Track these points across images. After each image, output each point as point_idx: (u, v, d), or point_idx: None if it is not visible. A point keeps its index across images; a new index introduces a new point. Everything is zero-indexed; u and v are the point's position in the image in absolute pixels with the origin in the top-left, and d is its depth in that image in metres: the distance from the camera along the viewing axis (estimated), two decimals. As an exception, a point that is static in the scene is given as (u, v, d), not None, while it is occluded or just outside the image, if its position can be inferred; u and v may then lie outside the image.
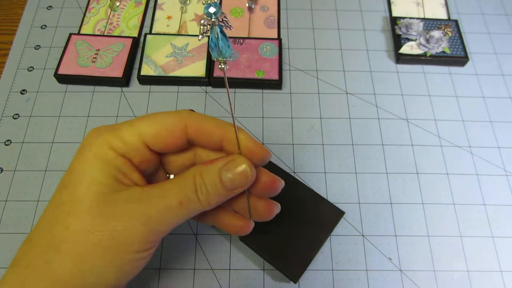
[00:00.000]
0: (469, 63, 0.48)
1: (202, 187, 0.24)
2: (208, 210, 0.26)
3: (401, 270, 0.36)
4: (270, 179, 0.27)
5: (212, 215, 0.29)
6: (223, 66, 0.24)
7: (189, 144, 0.27)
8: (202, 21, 0.23)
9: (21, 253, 0.23)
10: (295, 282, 0.35)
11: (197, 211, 0.25)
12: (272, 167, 0.39)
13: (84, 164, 0.23)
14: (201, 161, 0.28)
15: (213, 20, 0.22)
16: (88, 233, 0.22)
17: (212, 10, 0.22)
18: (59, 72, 0.45)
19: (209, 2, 0.22)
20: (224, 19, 0.23)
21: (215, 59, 0.24)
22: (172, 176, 0.29)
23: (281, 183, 0.28)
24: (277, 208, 0.29)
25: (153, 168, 0.27)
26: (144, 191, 0.24)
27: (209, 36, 0.23)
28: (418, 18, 0.50)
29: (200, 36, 0.23)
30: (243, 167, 0.25)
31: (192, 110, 0.27)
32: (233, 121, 0.25)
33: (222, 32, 0.23)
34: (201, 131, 0.26)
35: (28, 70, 0.47)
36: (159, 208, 0.23)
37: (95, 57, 0.46)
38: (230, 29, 0.23)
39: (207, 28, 0.23)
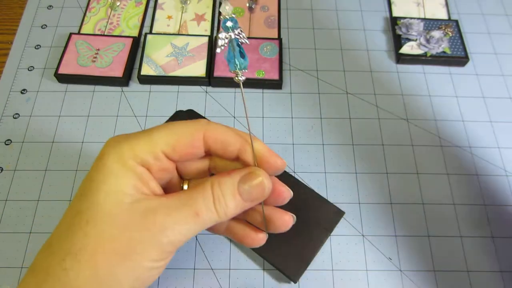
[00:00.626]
0: (469, 63, 0.48)
1: (220, 198, 0.24)
2: (223, 221, 0.26)
3: (401, 270, 0.36)
4: (280, 189, 0.28)
5: (226, 226, 0.29)
6: (240, 78, 0.24)
7: (205, 153, 0.27)
8: (220, 35, 0.23)
9: (40, 258, 0.23)
10: (295, 282, 0.35)
11: (213, 222, 0.25)
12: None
13: (104, 172, 0.24)
14: (216, 169, 0.29)
15: (230, 34, 0.23)
16: (106, 241, 0.22)
17: (229, 24, 0.23)
18: (59, 71, 0.45)
19: (227, 17, 0.23)
20: (240, 33, 0.24)
21: (232, 71, 0.24)
22: (185, 186, 0.29)
23: (290, 194, 0.28)
24: (293, 220, 0.29)
25: (170, 176, 0.28)
26: (162, 201, 0.24)
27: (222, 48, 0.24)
28: (418, 18, 0.50)
29: (218, 49, 0.24)
30: (260, 179, 0.25)
31: (208, 120, 0.27)
32: (249, 131, 0.26)
33: (239, 45, 0.24)
34: (218, 141, 0.26)
35: (28, 70, 0.47)
36: (176, 219, 0.23)
37: (95, 57, 0.46)
38: (247, 43, 0.24)
39: (224, 41, 0.24)
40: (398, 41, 0.49)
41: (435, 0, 0.53)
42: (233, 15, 0.23)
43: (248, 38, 0.48)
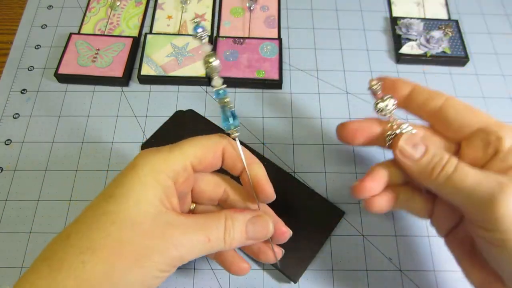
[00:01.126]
0: (469, 63, 0.48)
1: (231, 230, 0.27)
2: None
3: (401, 270, 0.36)
4: (282, 229, 0.30)
5: (218, 252, 0.31)
6: (236, 134, 0.29)
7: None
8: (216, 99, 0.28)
9: (55, 248, 0.24)
10: (295, 282, 0.35)
11: (218, 249, 0.27)
12: (272, 167, 0.39)
13: (136, 180, 0.25)
14: (226, 202, 0.31)
15: (225, 101, 0.28)
16: (126, 244, 0.24)
17: (221, 93, 0.28)
18: (59, 71, 0.45)
19: (219, 88, 0.28)
20: (229, 101, 0.28)
21: (227, 131, 0.29)
22: (193, 206, 0.32)
23: (290, 233, 0.31)
24: (281, 253, 0.32)
25: (188, 190, 0.30)
26: (182, 219, 0.26)
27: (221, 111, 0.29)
28: (418, 18, 0.50)
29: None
30: (266, 224, 0.29)
31: (225, 135, 0.30)
32: (251, 184, 0.29)
33: (233, 113, 0.28)
34: (232, 156, 0.29)
35: (28, 70, 0.47)
36: (191, 239, 0.25)
37: (95, 57, 0.46)
38: (234, 108, 0.29)
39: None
40: (398, 41, 0.49)
41: (435, 0, 0.53)
42: (223, 86, 0.27)
43: (248, 38, 0.48)
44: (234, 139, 0.29)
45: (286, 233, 0.31)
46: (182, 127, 0.43)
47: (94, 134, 0.43)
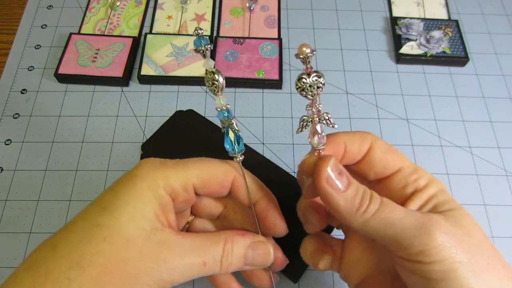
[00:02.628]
0: (469, 63, 0.48)
1: (229, 255, 0.26)
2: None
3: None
4: (279, 257, 0.29)
5: (215, 276, 0.30)
6: (239, 159, 0.27)
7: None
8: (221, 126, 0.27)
9: (41, 259, 0.23)
10: (295, 282, 0.35)
11: (213, 273, 0.26)
12: (272, 167, 0.39)
13: (133, 194, 0.24)
14: (226, 219, 0.30)
15: (231, 123, 0.27)
16: (117, 263, 0.22)
17: (225, 114, 0.27)
18: (59, 71, 0.45)
19: (223, 108, 0.26)
20: (234, 122, 0.27)
21: (231, 155, 0.27)
22: (191, 217, 0.31)
23: (286, 262, 0.30)
24: (277, 279, 0.31)
25: (187, 207, 0.29)
26: (178, 240, 0.24)
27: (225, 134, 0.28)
28: (418, 18, 0.50)
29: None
30: (266, 250, 0.27)
31: (239, 163, 0.28)
32: (255, 215, 0.28)
33: (234, 132, 0.27)
34: (242, 189, 0.28)
35: (28, 70, 0.47)
36: (186, 264, 0.24)
37: (95, 57, 0.46)
38: (239, 131, 0.28)
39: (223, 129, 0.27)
40: (398, 41, 0.49)
41: (435, 0, 0.53)
42: (228, 105, 0.26)
43: (248, 38, 0.48)
44: (239, 162, 0.28)
45: (284, 261, 0.30)
46: (182, 127, 0.43)
47: (94, 134, 0.43)
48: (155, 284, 0.23)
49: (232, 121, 0.27)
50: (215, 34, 0.50)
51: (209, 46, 0.25)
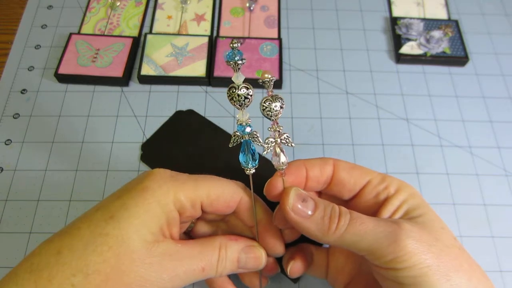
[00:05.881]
0: (469, 63, 0.48)
1: (223, 260, 0.27)
2: None
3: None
4: (270, 262, 0.31)
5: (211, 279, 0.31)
6: (250, 172, 0.27)
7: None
8: (236, 133, 0.27)
9: (44, 263, 0.23)
10: (295, 282, 0.35)
11: (209, 277, 0.27)
12: (273, 167, 0.39)
13: (142, 207, 0.24)
14: (226, 221, 0.31)
15: (256, 137, 0.27)
16: (121, 273, 0.23)
17: (248, 130, 0.27)
18: (59, 71, 0.45)
19: (244, 123, 0.27)
20: (256, 136, 0.27)
21: (243, 167, 0.28)
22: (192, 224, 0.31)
23: (278, 270, 0.32)
24: (267, 283, 0.32)
25: (193, 219, 0.29)
26: (177, 248, 0.25)
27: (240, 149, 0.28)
28: (418, 18, 0.50)
29: (231, 144, 0.27)
30: (258, 254, 0.29)
31: (245, 186, 0.29)
32: (256, 228, 0.29)
33: (252, 149, 0.27)
34: (246, 210, 0.29)
35: (29, 70, 0.47)
36: (186, 269, 0.25)
37: (95, 57, 0.46)
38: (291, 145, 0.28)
39: (238, 139, 0.27)
40: (398, 41, 0.49)
41: (435, 0, 0.53)
42: (249, 120, 0.27)
43: (248, 38, 0.48)
44: (249, 175, 0.28)
45: (275, 269, 0.31)
46: (182, 127, 0.43)
47: (94, 134, 0.43)
48: None
49: (257, 134, 0.27)
50: (215, 34, 0.50)
51: (243, 61, 0.26)
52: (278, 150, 0.27)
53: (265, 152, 0.27)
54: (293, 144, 0.27)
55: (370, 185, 0.28)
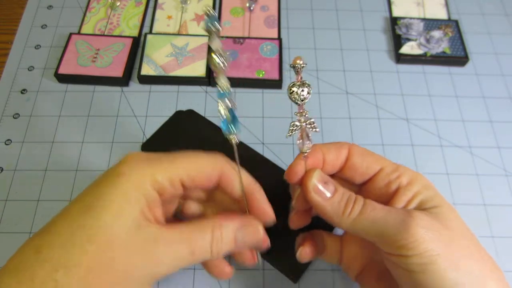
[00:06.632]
0: (469, 63, 0.48)
1: (219, 241, 0.26)
2: None
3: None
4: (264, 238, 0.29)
5: None
6: (235, 140, 0.27)
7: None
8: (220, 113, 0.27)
9: (25, 263, 0.22)
10: (295, 282, 0.35)
11: (204, 259, 0.26)
12: (273, 167, 0.39)
13: (118, 192, 0.23)
14: (213, 199, 0.30)
15: (225, 103, 0.26)
16: (103, 263, 0.22)
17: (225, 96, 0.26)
18: (59, 71, 0.45)
19: (225, 89, 0.27)
20: (232, 100, 0.27)
21: (226, 136, 0.27)
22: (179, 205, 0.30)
23: (268, 244, 0.29)
24: (254, 262, 0.31)
25: (176, 201, 0.29)
26: (163, 232, 0.24)
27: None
28: (418, 18, 0.50)
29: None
30: (255, 230, 0.28)
31: (226, 158, 0.28)
32: (243, 192, 0.28)
33: (231, 111, 0.26)
34: (229, 182, 0.28)
35: (29, 70, 0.47)
36: (174, 255, 0.24)
37: (95, 57, 0.46)
38: (235, 107, 0.27)
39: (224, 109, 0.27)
40: (398, 41, 0.49)
41: (435, 0, 0.53)
42: (228, 85, 0.26)
43: (248, 38, 0.48)
44: (235, 145, 0.27)
45: (266, 241, 0.30)
46: (182, 127, 0.43)
47: (94, 134, 0.43)
48: (145, 278, 0.23)
49: (232, 99, 0.27)
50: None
51: (219, 26, 0.25)
52: (304, 134, 0.27)
53: (289, 134, 0.27)
54: (317, 130, 0.28)
55: (382, 172, 0.28)
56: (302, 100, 0.27)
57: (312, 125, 0.27)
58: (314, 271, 0.36)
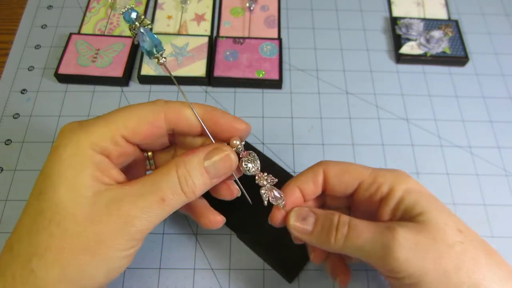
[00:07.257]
0: (469, 63, 0.48)
1: (187, 178, 0.24)
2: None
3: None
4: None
5: (187, 204, 0.28)
6: (163, 60, 0.26)
7: (171, 136, 0.28)
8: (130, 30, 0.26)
9: (4, 263, 0.23)
10: (290, 282, 0.35)
11: (181, 204, 0.24)
12: (272, 167, 0.39)
13: (61, 166, 0.23)
14: (181, 143, 0.29)
15: (136, 24, 0.25)
16: (72, 238, 0.22)
17: (133, 15, 0.24)
18: (59, 71, 0.45)
19: (127, 8, 0.24)
20: (144, 20, 0.25)
21: (152, 58, 0.25)
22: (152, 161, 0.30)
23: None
24: (236, 192, 0.30)
25: (132, 158, 0.27)
26: (125, 189, 0.23)
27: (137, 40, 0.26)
28: (418, 18, 0.50)
29: (136, 41, 0.25)
30: (226, 153, 0.26)
31: (166, 100, 0.27)
32: (186, 98, 0.26)
33: (148, 32, 0.25)
34: (181, 119, 0.26)
35: (29, 70, 0.47)
36: (142, 208, 0.23)
37: (95, 57, 0.46)
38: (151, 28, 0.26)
39: (135, 32, 0.25)
40: (398, 41, 0.49)
41: (435, 0, 0.53)
42: (132, 6, 0.25)
43: (248, 38, 0.48)
44: (163, 65, 0.26)
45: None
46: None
47: (94, 134, 0.43)
48: (122, 240, 0.23)
49: (143, 17, 0.25)
50: (215, 34, 0.50)
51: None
52: (273, 193, 0.28)
53: (265, 203, 0.28)
54: (276, 180, 0.29)
55: (361, 188, 0.28)
56: (255, 171, 0.28)
57: (272, 180, 0.29)
58: (314, 271, 0.36)
